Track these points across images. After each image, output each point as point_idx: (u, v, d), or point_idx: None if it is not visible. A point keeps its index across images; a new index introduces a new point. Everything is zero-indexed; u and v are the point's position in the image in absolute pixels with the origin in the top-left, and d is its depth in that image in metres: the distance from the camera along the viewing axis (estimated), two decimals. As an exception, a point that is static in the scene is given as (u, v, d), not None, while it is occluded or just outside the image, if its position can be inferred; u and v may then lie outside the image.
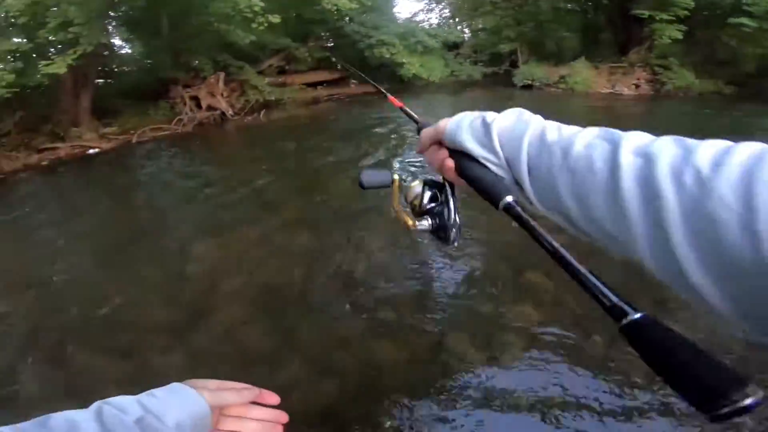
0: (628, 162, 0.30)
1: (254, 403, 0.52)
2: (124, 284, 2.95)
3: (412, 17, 21.44)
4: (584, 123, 0.39)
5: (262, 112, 9.32)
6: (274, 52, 11.82)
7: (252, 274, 2.92)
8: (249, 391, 0.50)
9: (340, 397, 1.89)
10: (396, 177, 0.53)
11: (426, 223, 0.51)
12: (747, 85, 13.39)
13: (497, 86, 13.94)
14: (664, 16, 11.79)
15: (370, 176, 0.52)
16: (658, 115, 9.75)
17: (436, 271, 2.76)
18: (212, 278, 2.92)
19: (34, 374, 2.19)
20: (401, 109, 0.69)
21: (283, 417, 0.54)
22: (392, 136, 6.57)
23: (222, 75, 9.12)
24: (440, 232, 0.51)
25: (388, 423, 1.78)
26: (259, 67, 10.95)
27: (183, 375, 0.52)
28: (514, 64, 15.55)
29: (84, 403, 0.39)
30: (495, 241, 3.03)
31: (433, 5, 22.99)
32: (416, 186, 0.53)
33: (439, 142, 0.48)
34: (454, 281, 2.64)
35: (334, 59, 12.24)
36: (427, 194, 0.52)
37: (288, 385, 1.94)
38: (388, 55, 12.50)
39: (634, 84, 13.41)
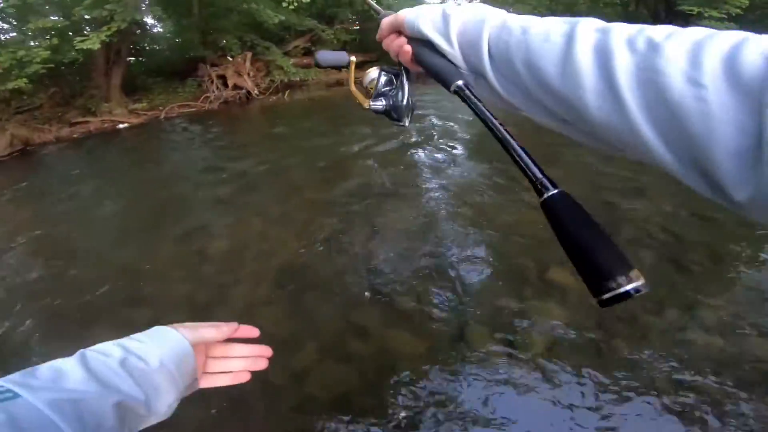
0: (586, 34, 0.32)
1: (236, 340, 0.53)
2: (147, 258, 3.00)
3: (443, 2, 20.96)
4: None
5: (287, 93, 9.36)
6: (300, 34, 11.79)
7: (273, 254, 2.91)
8: (227, 327, 0.51)
9: (356, 385, 1.87)
10: (353, 59, 0.54)
11: (380, 104, 0.54)
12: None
13: None
14: (714, 14, 10.93)
15: (326, 56, 0.54)
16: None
17: (459, 261, 2.67)
18: (234, 256, 2.93)
19: (52, 347, 2.26)
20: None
21: (267, 351, 0.54)
22: (418, 123, 6.45)
23: (249, 55, 9.18)
24: (393, 112, 0.54)
25: (403, 414, 1.74)
26: (285, 48, 10.96)
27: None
28: None
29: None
30: (520, 235, 2.91)
31: (464, -12, 22.32)
32: (372, 71, 0.56)
33: (398, 31, 0.50)
34: (476, 273, 2.55)
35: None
36: (383, 79, 0.55)
37: (304, 370, 1.93)
38: (413, 39, 12.36)
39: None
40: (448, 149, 4.90)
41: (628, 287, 0.24)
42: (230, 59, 9.05)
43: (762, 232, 2.77)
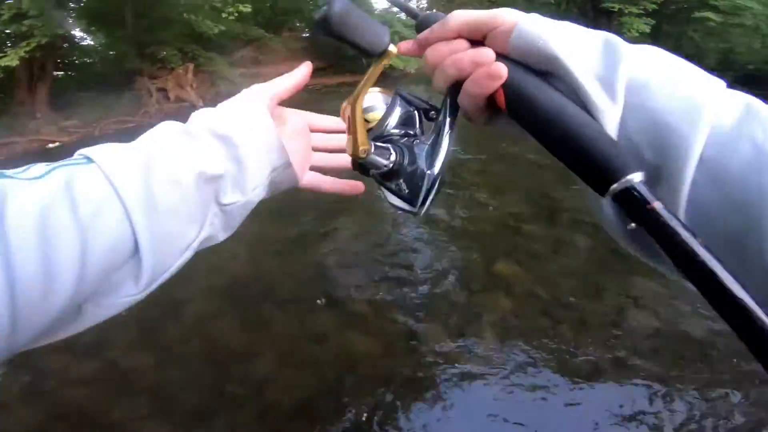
0: None
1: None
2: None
3: (389, 8, 21.43)
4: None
5: (235, 104, 9.15)
6: (247, 43, 11.61)
7: (223, 268, 2.87)
8: (290, 77, 0.39)
9: (317, 389, 1.90)
10: (393, 48, 0.28)
11: (384, 157, 0.31)
12: (708, 79, 14.56)
13: None
14: (634, 10, 12.12)
15: (351, 17, 0.25)
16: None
17: (409, 262, 2.79)
18: (182, 272, 2.85)
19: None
20: None
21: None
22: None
23: (191, 66, 8.90)
24: (402, 181, 0.31)
25: (365, 415, 1.79)
26: (231, 58, 10.74)
27: (152, 374, 0.48)
28: None
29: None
30: (467, 232, 3.08)
31: (411, -5, 23.09)
32: (376, 94, 0.35)
33: (477, 39, 0.30)
34: (426, 272, 2.67)
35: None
36: (397, 112, 0.34)
37: (264, 378, 1.94)
38: (364, 46, 12.56)
39: (604, 78, 13.97)
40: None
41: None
42: (170, 71, 8.74)
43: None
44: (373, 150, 0.31)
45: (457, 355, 2.01)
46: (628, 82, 0.26)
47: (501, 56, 0.29)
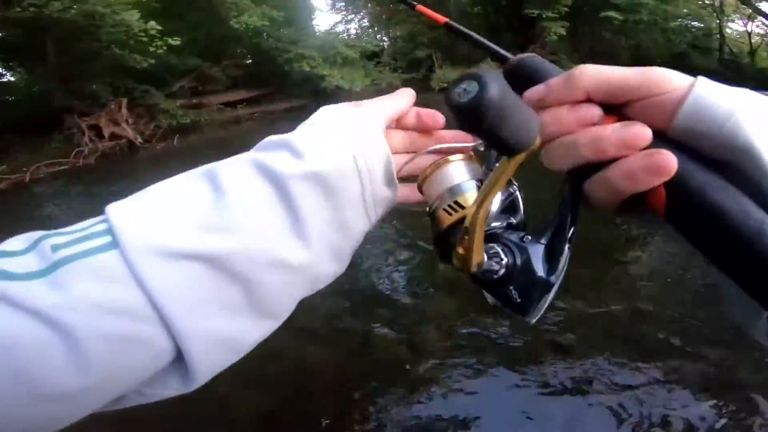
0: None
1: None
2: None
3: (331, 29, 21.99)
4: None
5: (176, 138, 8.94)
6: (184, 73, 11.43)
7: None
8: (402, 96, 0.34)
9: (277, 404, 2.00)
10: (538, 141, 0.21)
11: (495, 265, 0.25)
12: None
13: (417, 92, 14.88)
14: (550, 14, 12.92)
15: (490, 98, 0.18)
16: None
17: (355, 269, 2.96)
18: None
19: None
20: (451, 28, 0.38)
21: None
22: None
23: (124, 101, 8.61)
24: (512, 289, 0.25)
25: (325, 422, 1.90)
26: (168, 90, 10.53)
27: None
28: (430, 69, 16.85)
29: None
30: (409, 238, 3.33)
31: (352, 16, 23.80)
32: (464, 162, 0.29)
33: (615, 107, 0.24)
34: (374, 282, 2.85)
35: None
36: (498, 195, 0.27)
37: (223, 397, 2.00)
38: (308, 69, 12.69)
39: (536, 81, 15.20)
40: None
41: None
42: (102, 107, 8.43)
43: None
44: (485, 262, 0.25)
45: (408, 359, 2.16)
46: None
47: (657, 136, 0.22)
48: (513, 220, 0.28)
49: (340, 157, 0.27)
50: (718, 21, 20.38)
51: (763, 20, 17.25)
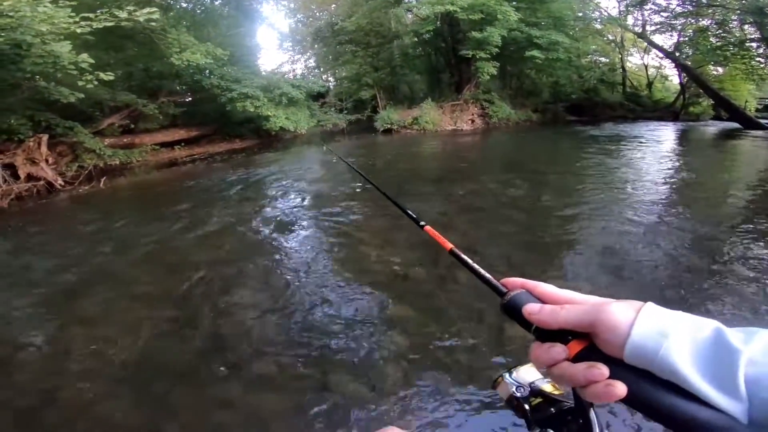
0: None
1: None
2: None
3: (277, 69, 22.80)
4: (437, 157, 0.59)
5: (103, 180, 8.65)
6: (116, 110, 11.27)
7: (103, 352, 2.86)
8: None
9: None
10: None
11: None
12: (545, 111, 18.69)
13: (362, 132, 15.94)
14: (482, 54, 14.78)
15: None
16: (489, 144, 12.99)
17: (307, 317, 3.09)
18: (54, 362, 2.78)
19: None
20: (455, 255, 0.50)
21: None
22: (266, 198, 6.94)
23: (45, 137, 8.31)
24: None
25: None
26: (96, 127, 10.31)
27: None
28: (375, 110, 18.02)
29: None
30: (356, 278, 3.58)
31: (298, 56, 24.93)
32: (523, 379, 0.40)
33: (583, 336, 0.36)
34: (325, 323, 2.99)
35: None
36: (535, 403, 0.37)
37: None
38: (252, 109, 13.00)
39: (470, 119, 17.16)
40: (283, 222, 5.49)
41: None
42: (19, 143, 8.08)
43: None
44: None
45: (367, 398, 2.28)
46: (746, 377, 0.29)
47: (616, 363, 0.33)
48: None
49: None
50: (620, 56, 24.23)
51: (657, 52, 20.23)
